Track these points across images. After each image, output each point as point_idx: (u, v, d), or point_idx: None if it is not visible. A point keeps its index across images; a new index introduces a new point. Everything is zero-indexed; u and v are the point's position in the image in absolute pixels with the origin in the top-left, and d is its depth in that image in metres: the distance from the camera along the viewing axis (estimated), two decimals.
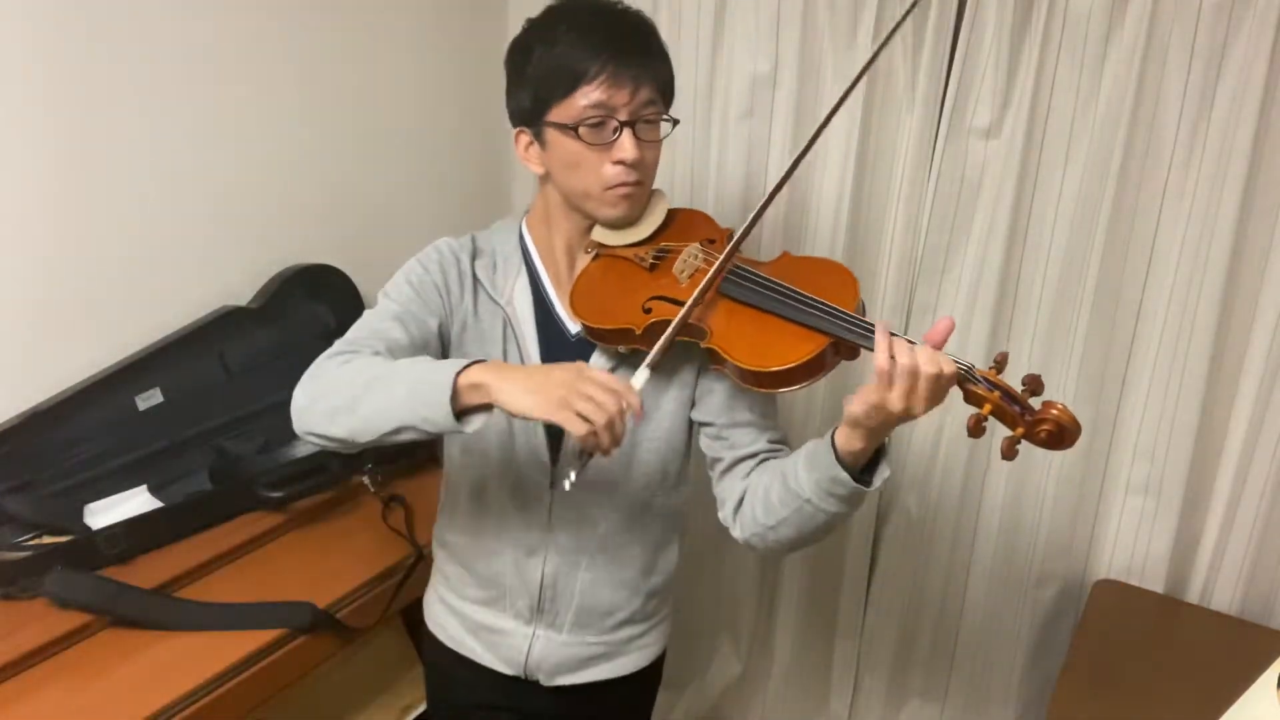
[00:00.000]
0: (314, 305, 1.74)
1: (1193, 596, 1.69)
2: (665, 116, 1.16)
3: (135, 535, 1.43)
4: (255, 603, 1.35)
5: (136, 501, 1.50)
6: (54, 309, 1.44)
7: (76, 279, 1.46)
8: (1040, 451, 1.72)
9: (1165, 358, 1.61)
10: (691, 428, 1.23)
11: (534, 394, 0.95)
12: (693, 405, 1.21)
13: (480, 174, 2.07)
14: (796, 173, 1.77)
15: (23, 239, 1.39)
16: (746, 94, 1.78)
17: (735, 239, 1.13)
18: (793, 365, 1.04)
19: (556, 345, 1.20)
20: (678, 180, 1.89)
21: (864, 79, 1.67)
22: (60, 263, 1.44)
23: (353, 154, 1.83)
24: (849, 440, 1.01)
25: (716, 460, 1.20)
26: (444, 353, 1.21)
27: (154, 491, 1.53)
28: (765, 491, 1.12)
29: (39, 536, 1.39)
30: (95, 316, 1.49)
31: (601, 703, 1.31)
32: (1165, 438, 1.63)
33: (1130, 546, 1.71)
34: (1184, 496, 1.64)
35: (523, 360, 1.20)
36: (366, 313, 1.18)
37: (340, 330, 1.14)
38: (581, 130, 1.10)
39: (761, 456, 1.18)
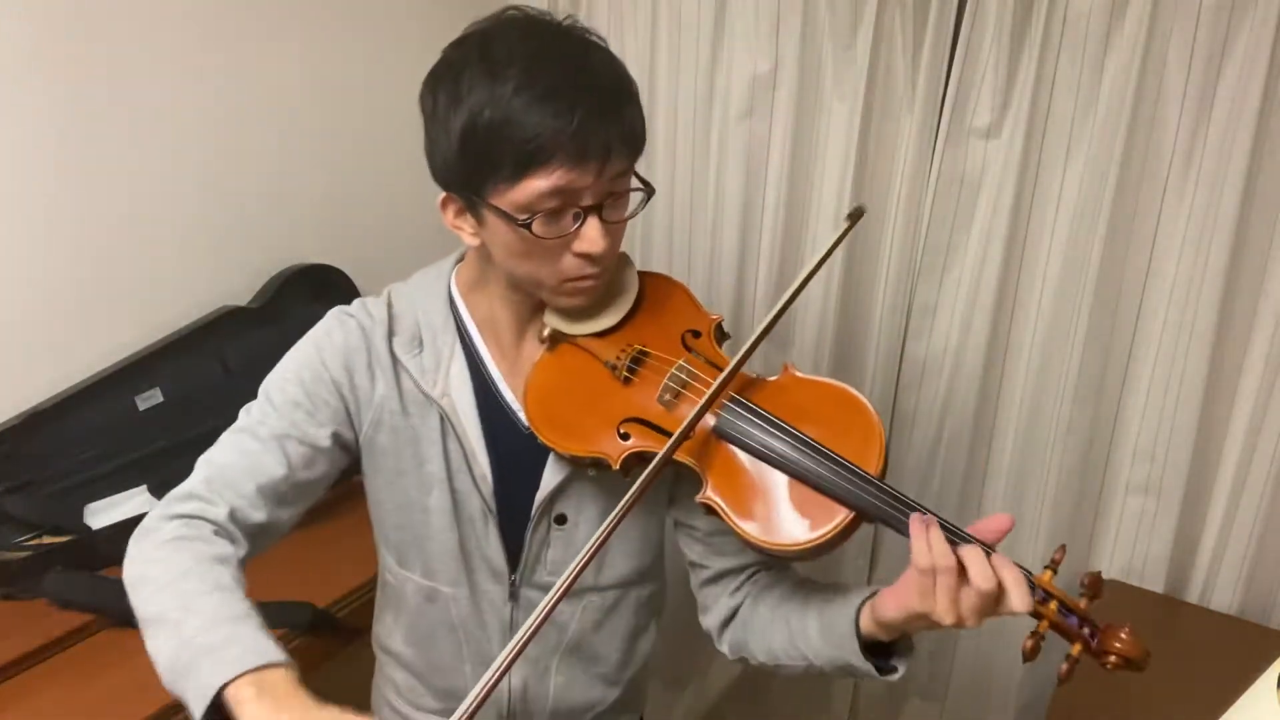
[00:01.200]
0: (314, 305, 1.74)
1: (1193, 596, 1.69)
2: (637, 185, 0.95)
3: None
4: (255, 603, 1.35)
5: (136, 501, 1.50)
6: (54, 309, 1.44)
7: (76, 279, 1.46)
8: (1036, 450, 1.74)
9: (1165, 358, 1.60)
10: (667, 521, 1.09)
11: None
12: (670, 502, 1.07)
13: None
14: (796, 169, 1.79)
15: (23, 239, 1.39)
16: (746, 94, 1.78)
17: (723, 376, 0.90)
18: (807, 546, 0.87)
19: (505, 440, 1.01)
20: (678, 180, 1.89)
21: (862, 84, 1.69)
22: (60, 263, 1.44)
23: (353, 154, 1.83)
24: (875, 631, 0.91)
25: (699, 565, 1.07)
26: (348, 459, 1.03)
27: (154, 491, 1.53)
28: (763, 634, 1.00)
29: (39, 536, 1.40)
30: (95, 316, 1.49)
31: None
32: (1165, 438, 1.63)
33: (1130, 546, 1.71)
34: (1184, 496, 1.63)
35: (469, 464, 1.00)
36: (245, 415, 0.98)
37: None
38: (535, 225, 0.87)
39: (750, 571, 1.05)
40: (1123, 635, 0.86)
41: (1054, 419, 1.69)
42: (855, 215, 1.05)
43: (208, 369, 1.61)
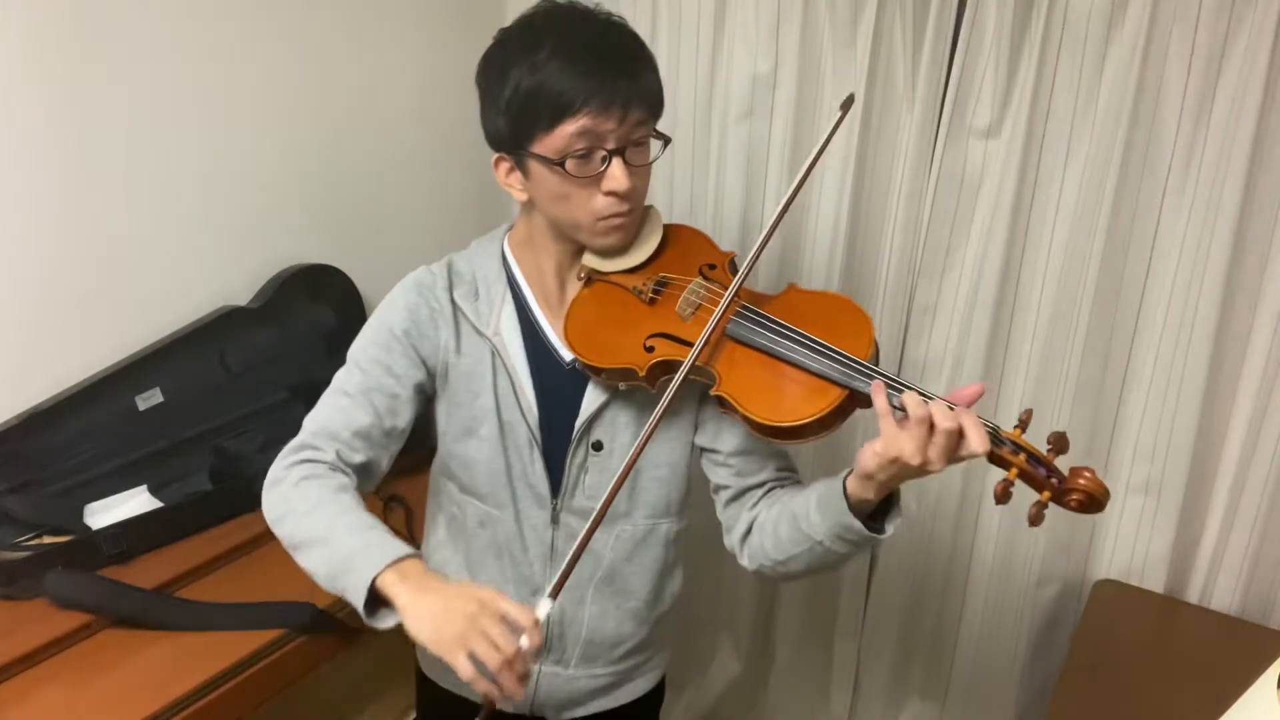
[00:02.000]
0: (314, 305, 1.74)
1: (1193, 596, 1.69)
2: (655, 133, 1.10)
3: (135, 535, 1.43)
4: (255, 603, 1.35)
5: (136, 501, 1.50)
6: (54, 309, 1.44)
7: (77, 279, 1.46)
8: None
9: (1165, 358, 1.60)
10: (693, 451, 1.20)
11: (431, 625, 0.92)
12: (695, 429, 1.18)
13: (481, 174, 2.05)
14: (795, 169, 1.79)
15: (23, 239, 1.39)
16: (746, 94, 1.78)
17: (737, 279, 1.07)
18: (806, 421, 1.01)
19: (549, 375, 1.16)
20: (678, 180, 1.89)
21: (862, 84, 1.69)
22: (60, 263, 1.44)
23: (353, 154, 1.83)
24: (861, 489, 1.00)
25: (722, 487, 1.18)
26: (427, 403, 1.18)
27: (154, 491, 1.53)
28: (774, 527, 1.10)
29: (39, 536, 1.40)
30: (95, 316, 1.49)
31: None
32: (1165, 438, 1.63)
33: (1130, 546, 1.71)
34: (1184, 496, 1.64)
35: (517, 396, 1.15)
36: (337, 377, 1.14)
37: (340, 330, 1.12)
38: (568, 164, 1.04)
39: (769, 486, 1.16)
40: (1086, 474, 0.92)
41: (1054, 418, 1.70)
42: (847, 105, 1.16)
43: (208, 369, 1.61)
